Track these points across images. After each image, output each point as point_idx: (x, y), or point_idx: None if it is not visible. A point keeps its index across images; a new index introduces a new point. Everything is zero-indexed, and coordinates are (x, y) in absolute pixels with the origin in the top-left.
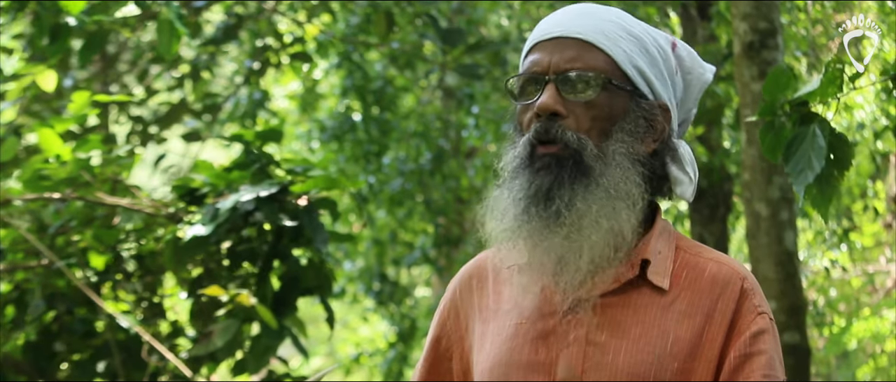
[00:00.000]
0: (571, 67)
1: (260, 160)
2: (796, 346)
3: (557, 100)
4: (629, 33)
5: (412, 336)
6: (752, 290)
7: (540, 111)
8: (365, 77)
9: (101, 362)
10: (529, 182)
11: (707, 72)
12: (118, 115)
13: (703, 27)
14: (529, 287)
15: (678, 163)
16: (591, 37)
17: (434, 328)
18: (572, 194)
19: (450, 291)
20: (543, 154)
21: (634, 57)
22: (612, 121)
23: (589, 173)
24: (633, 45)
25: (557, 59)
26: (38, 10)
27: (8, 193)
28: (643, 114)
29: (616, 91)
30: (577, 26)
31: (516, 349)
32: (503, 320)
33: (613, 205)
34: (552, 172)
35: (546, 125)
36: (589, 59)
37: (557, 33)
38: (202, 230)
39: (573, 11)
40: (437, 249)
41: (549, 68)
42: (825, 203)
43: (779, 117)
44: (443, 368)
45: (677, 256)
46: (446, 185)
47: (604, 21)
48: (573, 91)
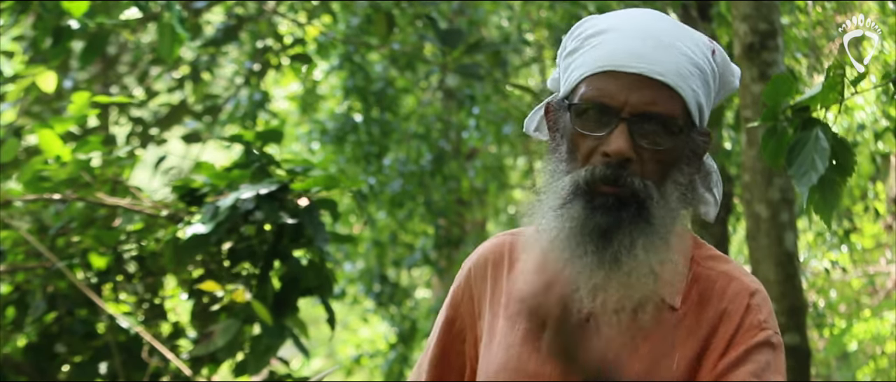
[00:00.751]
0: (649, 112)
1: (260, 160)
2: (796, 347)
3: (631, 146)
4: (696, 66)
5: (413, 338)
6: (759, 306)
7: (613, 156)
8: (366, 78)
9: (102, 363)
10: (586, 217)
11: (736, 79)
12: (118, 117)
13: (703, 28)
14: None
15: (707, 184)
16: (670, 80)
17: (447, 309)
18: (633, 240)
19: (464, 273)
20: (606, 193)
21: (699, 94)
22: (673, 164)
23: (650, 220)
24: (699, 81)
25: (635, 100)
26: (41, 12)
27: (8, 194)
28: (695, 146)
29: (682, 134)
30: (658, 66)
31: (524, 357)
32: (513, 321)
33: (666, 252)
34: (612, 213)
35: (616, 172)
36: (666, 105)
37: (637, 70)
38: (202, 228)
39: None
40: (438, 250)
41: (624, 106)
42: (828, 209)
43: (780, 123)
44: (455, 350)
45: (690, 270)
46: (447, 186)
47: (679, 55)
48: (647, 139)
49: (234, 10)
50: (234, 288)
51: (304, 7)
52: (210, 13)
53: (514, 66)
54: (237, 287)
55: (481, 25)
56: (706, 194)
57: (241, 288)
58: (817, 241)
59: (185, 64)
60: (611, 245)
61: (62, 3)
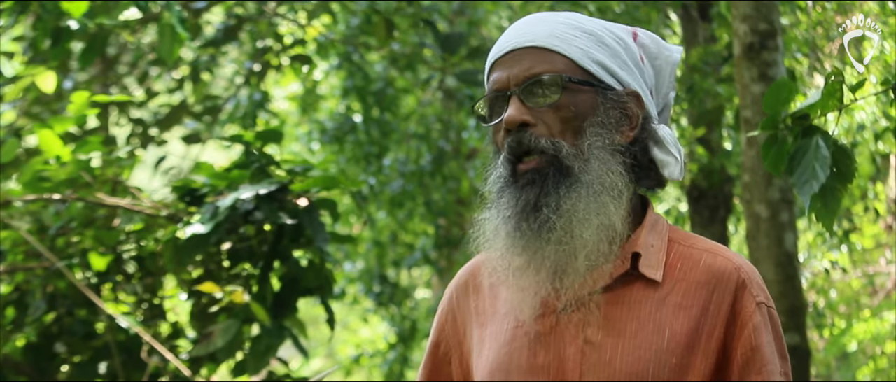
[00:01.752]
0: (529, 75)
1: (259, 160)
2: (796, 347)
3: (523, 111)
4: (583, 31)
5: (412, 338)
6: (749, 280)
7: (508, 125)
8: (365, 78)
9: (102, 363)
10: (516, 198)
11: (673, 53)
12: (118, 117)
13: (703, 28)
14: (526, 289)
15: (661, 145)
16: (543, 42)
17: (433, 333)
18: (558, 198)
19: (447, 296)
20: (525, 170)
21: (592, 51)
22: (581, 118)
23: (570, 173)
24: (588, 41)
25: (516, 72)
26: (40, 13)
27: (8, 194)
28: (613, 104)
29: (578, 88)
30: (529, 35)
31: (515, 352)
32: (501, 323)
33: (599, 200)
34: (537, 185)
35: (518, 137)
36: (545, 64)
37: (511, 46)
38: (201, 228)
39: (524, 22)
40: (438, 250)
41: (509, 82)
42: (830, 216)
43: (781, 131)
44: (443, 372)
45: (671, 248)
46: (447, 187)
47: (555, 24)
48: (535, 98)
49: (234, 10)
50: (233, 289)
51: (303, 7)
52: (210, 13)
53: None
54: (236, 288)
55: (481, 25)
56: (664, 155)
57: (239, 289)
58: (817, 241)
59: (184, 64)
60: (540, 212)
61: (61, 3)
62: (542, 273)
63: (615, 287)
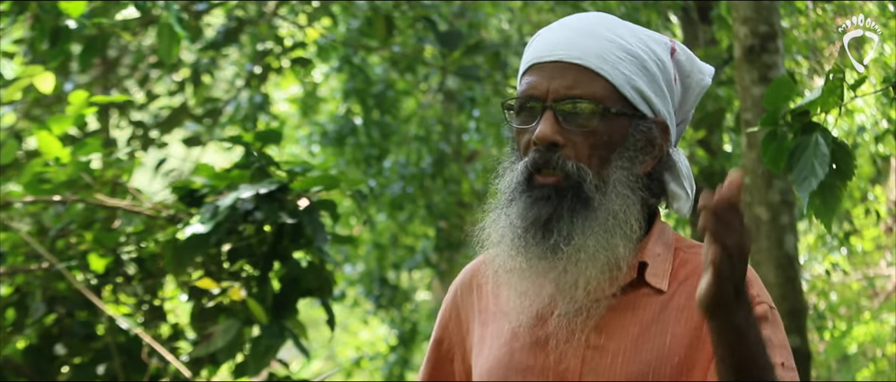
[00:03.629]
0: (570, 95)
1: (259, 160)
2: (796, 350)
3: (556, 130)
4: (628, 52)
5: (413, 340)
6: (749, 281)
7: (538, 141)
8: (366, 80)
9: (102, 365)
10: (527, 209)
11: (706, 75)
12: (119, 120)
13: (703, 30)
14: (527, 292)
15: (676, 178)
16: (590, 62)
17: (436, 330)
18: (571, 227)
19: (451, 293)
20: (542, 184)
21: (634, 78)
22: (611, 147)
23: (588, 204)
24: (632, 66)
25: (556, 86)
26: (39, 13)
27: (8, 196)
28: (642, 134)
29: (615, 117)
30: (576, 51)
31: (514, 353)
32: (501, 323)
33: (611, 239)
34: (551, 203)
35: (545, 155)
36: (587, 87)
37: (556, 57)
38: (201, 228)
39: (571, 31)
40: (438, 253)
41: (547, 94)
42: (829, 213)
43: (780, 127)
44: (445, 370)
45: (675, 255)
46: (447, 189)
47: (602, 41)
48: (571, 121)
49: (235, 12)
50: (230, 285)
51: (303, 9)
52: (211, 16)
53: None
54: (232, 284)
55: (482, 28)
56: (677, 189)
57: (236, 285)
58: (817, 244)
59: (185, 67)
60: (551, 235)
61: (60, 3)
62: (542, 290)
63: (620, 294)
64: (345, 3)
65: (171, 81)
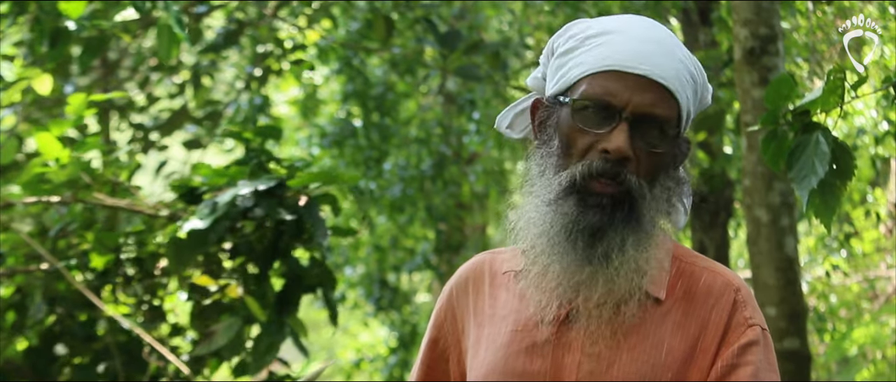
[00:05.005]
0: (651, 114)
1: (259, 157)
2: (797, 352)
3: (630, 146)
4: (690, 76)
5: (413, 342)
6: (744, 302)
7: (613, 154)
8: (365, 83)
9: (102, 364)
10: (580, 214)
11: (709, 95)
12: (119, 122)
13: (704, 32)
14: (527, 294)
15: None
16: (670, 84)
17: (430, 330)
18: (624, 239)
19: (446, 293)
20: (600, 192)
21: (690, 102)
22: (664, 168)
23: (640, 222)
24: (691, 91)
25: (639, 100)
26: (38, 15)
27: (8, 197)
28: (680, 154)
29: (674, 140)
30: (661, 70)
31: (511, 357)
32: (499, 326)
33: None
34: (606, 213)
35: (616, 168)
36: (666, 108)
37: (642, 71)
38: (200, 224)
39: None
40: (438, 255)
41: (627, 106)
42: (828, 213)
43: (781, 126)
44: (440, 370)
45: (673, 266)
46: (447, 191)
47: (677, 62)
48: (645, 140)
49: (235, 14)
50: (228, 282)
51: (304, 12)
52: (211, 18)
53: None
54: (230, 281)
55: (482, 30)
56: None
57: (233, 282)
58: (817, 246)
59: (185, 69)
60: (601, 243)
61: (59, 4)
62: (562, 286)
63: (619, 302)
64: (344, 5)
65: (172, 84)
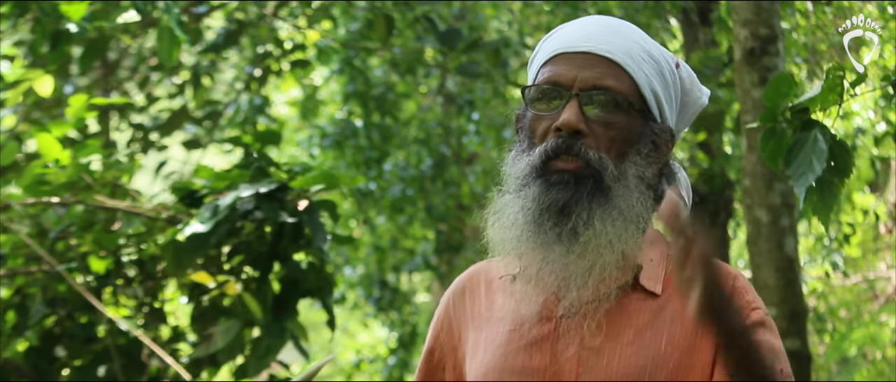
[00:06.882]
0: (598, 86)
1: (259, 161)
2: (797, 352)
3: (580, 118)
4: (650, 56)
5: (413, 343)
6: (744, 288)
7: (563, 127)
8: (366, 83)
9: (102, 366)
10: (543, 194)
11: (703, 95)
12: (119, 122)
13: (704, 33)
14: (524, 294)
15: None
16: (619, 57)
17: (429, 340)
18: (590, 212)
19: (443, 303)
20: (562, 169)
21: (653, 81)
22: (628, 143)
23: (607, 194)
24: (652, 69)
25: (585, 75)
26: (39, 16)
27: (8, 198)
28: (654, 137)
29: (635, 114)
30: (606, 44)
31: (510, 355)
32: (497, 327)
33: (627, 229)
34: (569, 189)
35: (568, 142)
36: (614, 80)
37: (586, 48)
38: (201, 227)
39: (600, 26)
40: (438, 255)
41: (574, 83)
42: (826, 210)
43: (779, 124)
44: (436, 379)
45: (669, 261)
46: (447, 191)
47: (630, 41)
48: (597, 111)
49: (235, 15)
50: (226, 279)
51: (304, 12)
52: (211, 18)
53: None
54: (228, 279)
55: (482, 30)
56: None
57: (231, 279)
58: (817, 246)
59: (185, 69)
60: (569, 219)
61: (60, 5)
62: (550, 277)
63: (615, 296)
64: (344, 5)
65: (171, 84)
